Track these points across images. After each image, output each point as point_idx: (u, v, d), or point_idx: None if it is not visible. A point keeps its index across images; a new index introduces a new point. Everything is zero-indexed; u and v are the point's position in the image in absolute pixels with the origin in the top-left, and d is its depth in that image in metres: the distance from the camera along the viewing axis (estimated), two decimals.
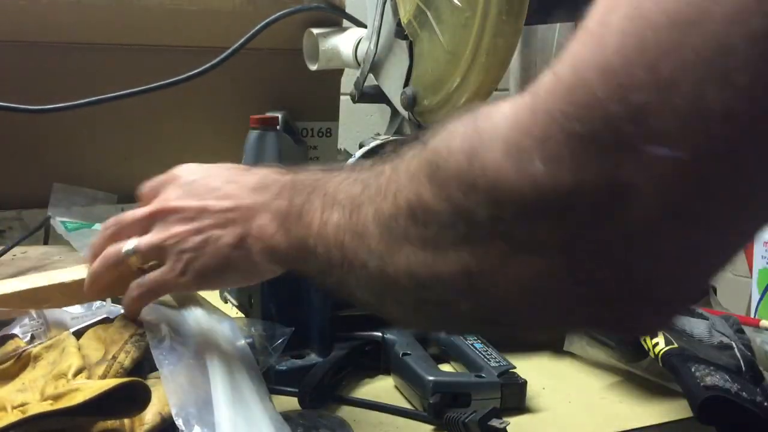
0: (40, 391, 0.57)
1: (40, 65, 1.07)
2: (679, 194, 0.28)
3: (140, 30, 1.12)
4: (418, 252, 0.34)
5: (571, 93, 0.28)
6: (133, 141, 1.15)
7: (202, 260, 0.50)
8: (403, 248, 0.35)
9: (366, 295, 0.40)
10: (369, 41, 0.95)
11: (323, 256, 0.41)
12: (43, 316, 0.66)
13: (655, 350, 0.59)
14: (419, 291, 0.35)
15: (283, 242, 0.46)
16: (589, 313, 0.32)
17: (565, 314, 0.33)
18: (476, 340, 0.68)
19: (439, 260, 0.34)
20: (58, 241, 0.92)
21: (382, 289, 0.38)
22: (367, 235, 0.37)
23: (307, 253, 0.42)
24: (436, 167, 0.33)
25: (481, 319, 0.37)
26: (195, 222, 0.51)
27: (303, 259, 0.44)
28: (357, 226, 0.38)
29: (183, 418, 0.50)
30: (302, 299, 0.67)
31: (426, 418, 0.60)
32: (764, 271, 0.84)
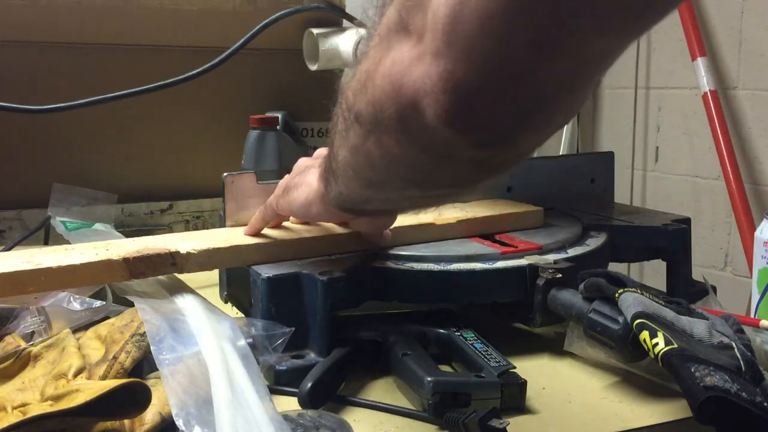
0: (40, 391, 0.57)
1: (40, 65, 1.07)
2: None
3: (140, 30, 1.12)
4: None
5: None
6: (133, 141, 1.15)
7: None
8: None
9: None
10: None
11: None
12: (45, 313, 0.66)
13: (654, 350, 0.59)
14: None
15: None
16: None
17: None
18: (476, 340, 0.68)
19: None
20: (58, 240, 0.92)
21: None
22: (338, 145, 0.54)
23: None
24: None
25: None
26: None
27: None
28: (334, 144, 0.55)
29: (183, 418, 0.50)
30: (302, 299, 0.67)
31: (426, 418, 0.60)
32: (764, 271, 0.85)
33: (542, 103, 0.38)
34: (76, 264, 0.64)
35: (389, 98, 0.41)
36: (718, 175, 1.65)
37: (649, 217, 0.92)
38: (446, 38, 0.35)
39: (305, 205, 0.67)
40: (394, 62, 0.40)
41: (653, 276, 1.26)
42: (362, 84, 0.44)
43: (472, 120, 0.37)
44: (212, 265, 0.72)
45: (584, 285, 0.68)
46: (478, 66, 0.35)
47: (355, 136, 0.48)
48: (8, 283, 0.62)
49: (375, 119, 0.43)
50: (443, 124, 0.38)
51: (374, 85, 0.42)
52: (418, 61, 0.38)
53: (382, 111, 0.42)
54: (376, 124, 0.44)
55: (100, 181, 1.10)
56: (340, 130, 0.51)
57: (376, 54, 0.42)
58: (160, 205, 1.15)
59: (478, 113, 0.37)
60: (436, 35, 0.36)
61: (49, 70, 1.08)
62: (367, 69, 0.43)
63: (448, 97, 0.36)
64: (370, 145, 0.46)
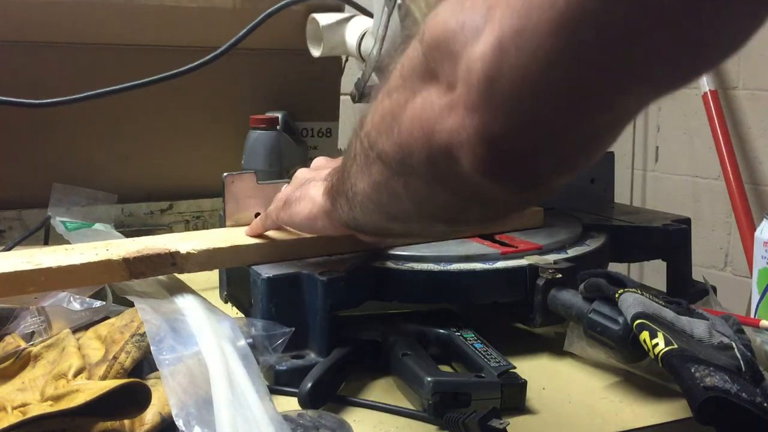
0: (40, 391, 0.57)
1: (40, 65, 1.07)
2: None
3: (140, 29, 1.12)
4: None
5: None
6: (133, 141, 1.15)
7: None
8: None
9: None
10: (373, 47, 0.95)
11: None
12: (45, 313, 0.66)
13: (654, 351, 0.59)
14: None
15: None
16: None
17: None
18: (476, 340, 0.68)
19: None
20: (58, 241, 0.92)
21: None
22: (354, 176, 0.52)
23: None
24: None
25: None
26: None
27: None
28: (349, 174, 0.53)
29: (183, 418, 0.50)
30: (302, 299, 0.67)
31: (426, 418, 0.60)
32: (764, 271, 0.85)
33: (580, 152, 0.38)
34: (76, 264, 0.64)
35: (419, 144, 0.40)
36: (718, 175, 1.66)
37: (649, 217, 0.92)
38: (483, 95, 0.35)
39: (309, 219, 0.66)
40: (424, 108, 0.39)
41: (653, 276, 1.26)
42: (387, 124, 0.44)
43: (509, 171, 0.37)
44: (212, 265, 0.72)
45: (584, 285, 0.68)
46: (516, 122, 0.35)
47: (379, 174, 0.47)
48: (8, 283, 0.62)
49: (403, 162, 0.43)
50: (480, 175, 0.37)
51: (401, 128, 0.42)
52: (451, 111, 0.37)
53: (411, 156, 0.41)
54: (404, 167, 0.43)
55: (100, 181, 1.10)
56: (360, 164, 0.49)
57: (401, 96, 0.42)
58: (160, 205, 1.15)
59: (516, 165, 0.37)
60: (471, 90, 0.35)
61: (49, 70, 1.08)
62: (392, 110, 0.43)
63: (485, 149, 0.36)
64: (395, 184, 0.46)
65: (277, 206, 0.70)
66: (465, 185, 0.39)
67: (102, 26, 1.10)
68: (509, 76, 0.33)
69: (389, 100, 0.43)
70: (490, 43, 0.34)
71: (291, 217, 0.68)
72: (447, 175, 0.40)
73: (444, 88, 0.38)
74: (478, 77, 0.34)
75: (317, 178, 0.67)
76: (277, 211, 0.70)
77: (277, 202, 0.70)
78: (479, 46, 0.34)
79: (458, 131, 0.37)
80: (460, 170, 0.38)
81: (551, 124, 0.35)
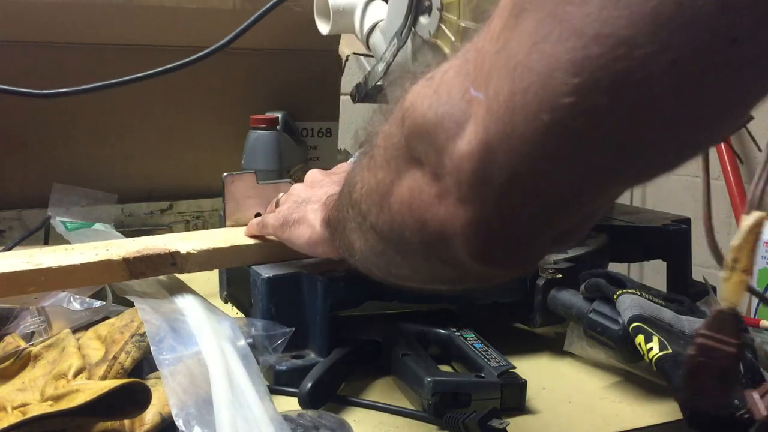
0: (40, 391, 0.57)
1: (40, 65, 1.07)
2: None
3: (140, 30, 1.12)
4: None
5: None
6: (133, 141, 1.15)
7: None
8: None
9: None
10: (378, 63, 0.93)
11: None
12: (45, 313, 0.66)
13: (649, 355, 0.59)
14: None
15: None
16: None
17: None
18: (476, 340, 0.68)
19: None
20: (58, 240, 0.92)
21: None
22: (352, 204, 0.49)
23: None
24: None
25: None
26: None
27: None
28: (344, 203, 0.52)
29: (183, 418, 0.50)
30: (302, 299, 0.67)
31: (426, 418, 0.60)
32: (764, 271, 0.85)
33: (574, 232, 0.38)
34: (76, 264, 0.64)
35: (412, 230, 0.40)
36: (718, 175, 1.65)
37: (649, 217, 0.92)
38: (473, 189, 0.34)
39: (309, 244, 0.64)
40: (412, 195, 0.39)
41: (653, 276, 1.26)
42: (376, 202, 0.43)
43: (503, 257, 0.37)
44: (212, 265, 0.72)
45: (584, 285, 0.68)
46: (508, 214, 0.35)
47: (375, 242, 0.46)
48: (8, 283, 0.62)
49: (397, 240, 0.42)
50: (475, 261, 0.37)
51: (392, 210, 0.41)
52: (441, 201, 0.37)
53: (404, 238, 0.41)
54: (399, 244, 0.43)
55: (100, 181, 1.10)
56: (354, 226, 0.49)
57: (386, 176, 0.41)
58: (160, 205, 1.15)
59: (510, 252, 0.37)
60: (462, 184, 0.35)
61: (50, 70, 1.08)
62: (379, 190, 0.43)
63: (479, 239, 0.36)
64: (392, 254, 0.45)
65: (275, 224, 0.68)
66: (462, 263, 0.39)
67: (102, 27, 1.09)
68: (499, 176, 0.33)
69: (375, 179, 0.43)
70: (476, 144, 0.33)
71: (290, 240, 0.66)
72: (443, 254, 0.40)
73: (430, 176, 0.37)
74: (467, 175, 0.34)
75: (314, 199, 0.65)
76: (274, 228, 0.69)
77: (275, 220, 0.69)
78: (464, 144, 0.34)
79: (451, 221, 0.37)
80: (455, 253, 0.38)
81: (544, 215, 0.35)
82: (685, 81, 0.28)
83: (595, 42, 0.28)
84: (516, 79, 0.30)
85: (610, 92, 0.28)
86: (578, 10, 0.28)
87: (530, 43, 0.30)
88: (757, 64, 0.28)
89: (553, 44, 0.29)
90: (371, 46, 1.00)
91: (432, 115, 0.36)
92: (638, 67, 0.28)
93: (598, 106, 0.29)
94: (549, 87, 0.29)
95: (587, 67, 0.28)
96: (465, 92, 0.34)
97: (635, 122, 0.29)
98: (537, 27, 0.30)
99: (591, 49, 0.28)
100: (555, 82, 0.29)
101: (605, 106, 0.29)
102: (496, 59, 0.32)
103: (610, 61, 0.28)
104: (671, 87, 0.28)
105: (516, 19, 0.31)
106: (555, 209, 0.34)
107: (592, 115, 0.29)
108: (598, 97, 0.28)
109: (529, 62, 0.30)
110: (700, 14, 0.26)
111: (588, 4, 0.28)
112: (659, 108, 0.29)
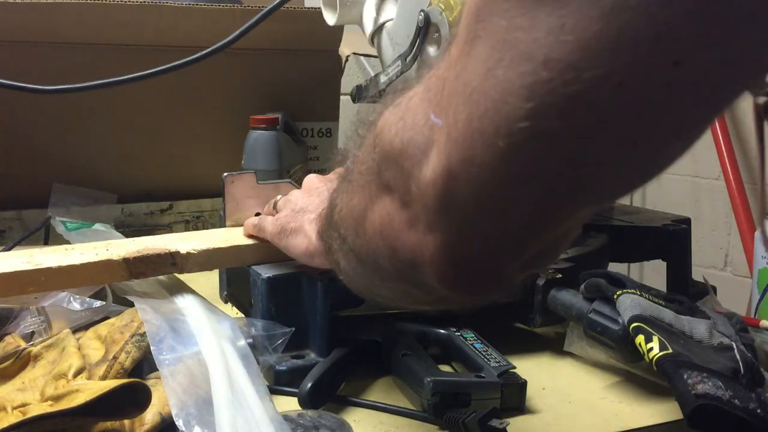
0: (40, 391, 0.57)
1: (40, 65, 1.07)
2: None
3: (140, 30, 1.12)
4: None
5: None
6: (133, 141, 1.15)
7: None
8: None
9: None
10: (382, 73, 0.93)
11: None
12: (45, 313, 0.66)
13: (649, 355, 0.59)
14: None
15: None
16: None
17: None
18: (476, 340, 0.68)
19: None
20: (58, 240, 0.92)
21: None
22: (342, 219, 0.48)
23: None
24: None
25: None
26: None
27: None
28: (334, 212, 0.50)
29: (183, 418, 0.50)
30: (302, 299, 0.67)
31: (426, 418, 0.60)
32: (764, 271, 0.85)
33: (544, 256, 0.38)
34: (76, 264, 0.64)
35: (384, 257, 0.40)
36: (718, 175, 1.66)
37: (649, 217, 0.92)
38: (439, 216, 0.35)
39: (306, 255, 0.65)
40: (383, 221, 0.39)
41: (653, 276, 1.26)
42: (352, 227, 0.44)
43: (472, 285, 0.37)
44: (212, 265, 0.72)
45: (584, 285, 0.68)
46: (476, 241, 0.35)
47: (356, 264, 0.46)
48: (9, 283, 0.62)
49: (373, 265, 0.43)
50: (444, 288, 0.38)
51: (366, 235, 0.42)
52: (411, 228, 0.37)
53: (378, 263, 0.42)
54: (375, 269, 0.43)
55: (100, 181, 1.10)
56: (338, 245, 0.49)
57: (361, 201, 0.42)
58: (160, 205, 1.15)
59: (479, 279, 0.37)
60: (429, 211, 0.35)
61: (50, 71, 1.08)
62: (354, 215, 0.43)
63: (448, 266, 0.36)
64: (371, 276, 0.46)
65: (273, 231, 0.68)
66: (434, 289, 0.39)
67: (102, 26, 1.09)
68: (463, 202, 0.33)
69: (351, 203, 0.43)
70: (439, 171, 0.33)
71: (288, 249, 0.66)
72: (416, 281, 0.40)
73: (399, 203, 0.38)
74: (432, 202, 0.34)
75: (310, 208, 0.65)
76: (272, 235, 0.68)
77: (272, 227, 0.68)
78: (428, 171, 0.34)
79: (420, 248, 0.37)
80: (427, 281, 0.38)
81: (509, 241, 0.35)
82: (632, 103, 0.28)
83: (545, 67, 0.28)
84: (473, 105, 0.31)
85: (562, 116, 0.29)
86: (527, 36, 0.28)
87: (484, 69, 0.30)
88: (703, 85, 0.28)
89: (505, 70, 0.29)
90: (376, 46, 1.00)
91: (398, 141, 0.36)
92: (587, 91, 0.28)
93: (551, 130, 0.29)
94: (503, 112, 0.29)
95: (539, 91, 0.28)
96: (428, 119, 0.34)
97: (589, 145, 0.30)
98: (490, 53, 0.30)
99: (541, 74, 0.28)
100: (509, 107, 0.29)
101: (558, 130, 0.29)
102: (454, 86, 0.32)
103: (560, 85, 0.28)
104: (620, 109, 0.28)
105: (470, 45, 0.31)
106: (520, 235, 0.34)
107: (547, 139, 0.29)
108: (551, 121, 0.29)
109: (484, 88, 0.30)
110: (640, 38, 0.27)
111: (536, 30, 0.28)
112: (610, 130, 0.29)
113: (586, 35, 0.27)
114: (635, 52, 0.27)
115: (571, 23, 0.27)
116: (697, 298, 0.81)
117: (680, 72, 0.27)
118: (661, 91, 0.28)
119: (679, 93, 0.28)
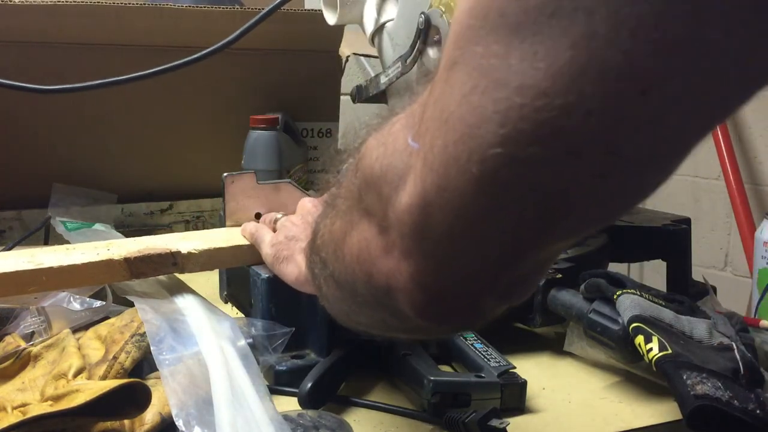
0: (40, 391, 0.57)
1: (40, 65, 1.07)
2: None
3: (140, 30, 1.12)
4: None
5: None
6: (133, 141, 1.15)
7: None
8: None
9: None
10: (382, 74, 0.93)
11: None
12: (45, 313, 0.66)
13: (649, 355, 0.59)
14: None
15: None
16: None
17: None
18: (476, 340, 0.68)
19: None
20: (58, 240, 0.92)
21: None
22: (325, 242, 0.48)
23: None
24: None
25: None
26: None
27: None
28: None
29: (183, 418, 0.50)
30: (302, 299, 0.67)
31: (426, 418, 0.60)
32: (764, 271, 0.85)
33: (519, 287, 0.37)
34: (77, 264, 0.64)
35: (361, 282, 0.40)
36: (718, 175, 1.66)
37: (649, 217, 0.92)
38: (415, 244, 0.34)
39: (298, 283, 0.64)
40: (360, 245, 0.39)
41: (653, 276, 1.26)
42: (332, 252, 0.44)
43: (444, 313, 0.37)
44: (213, 265, 0.72)
45: (584, 285, 0.68)
46: (449, 271, 0.35)
47: (335, 290, 0.46)
48: (9, 283, 0.62)
49: (351, 290, 0.43)
50: (417, 316, 0.37)
51: (345, 261, 0.42)
52: (386, 254, 0.37)
53: (356, 289, 0.42)
54: (353, 295, 0.43)
55: (100, 181, 1.10)
56: (320, 271, 0.48)
57: (342, 225, 0.42)
58: (160, 205, 1.15)
59: (452, 307, 0.37)
60: (404, 238, 0.35)
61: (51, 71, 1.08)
62: (334, 239, 0.43)
63: (422, 295, 0.36)
64: (349, 302, 0.45)
65: (267, 254, 0.67)
66: (410, 319, 0.39)
67: (102, 27, 1.09)
68: (437, 230, 0.33)
69: (333, 227, 0.43)
70: (415, 198, 0.33)
71: (281, 275, 0.66)
72: (392, 308, 0.39)
73: (377, 229, 0.37)
74: (408, 228, 0.34)
75: (302, 237, 0.65)
76: (266, 257, 0.68)
77: (267, 250, 0.67)
78: (405, 198, 0.34)
79: (395, 275, 0.36)
80: (401, 307, 0.38)
81: (485, 270, 0.34)
82: (601, 131, 0.28)
83: (518, 93, 0.28)
84: (449, 131, 0.31)
85: (534, 143, 0.28)
86: (501, 62, 0.28)
87: (460, 95, 0.30)
88: (670, 115, 0.28)
89: (480, 96, 0.29)
90: (376, 47, 1.00)
91: (378, 167, 0.36)
92: (558, 118, 0.28)
93: (524, 156, 0.29)
94: (477, 138, 0.29)
95: (512, 117, 0.28)
96: (407, 144, 0.34)
97: (561, 173, 0.29)
98: (466, 79, 0.30)
99: (514, 100, 0.28)
100: (483, 132, 0.29)
101: (531, 157, 0.29)
102: (432, 111, 0.32)
103: (533, 112, 0.28)
104: (590, 137, 0.28)
105: (448, 72, 0.31)
106: (493, 265, 0.34)
107: (520, 166, 0.29)
108: (524, 148, 0.29)
109: (460, 113, 0.30)
110: (608, 66, 0.27)
111: (510, 56, 0.28)
112: (582, 158, 0.29)
113: (557, 63, 0.27)
114: (604, 81, 0.27)
115: (543, 51, 0.27)
116: (697, 298, 0.81)
117: (648, 101, 0.27)
118: (628, 121, 0.28)
119: (649, 123, 0.28)
